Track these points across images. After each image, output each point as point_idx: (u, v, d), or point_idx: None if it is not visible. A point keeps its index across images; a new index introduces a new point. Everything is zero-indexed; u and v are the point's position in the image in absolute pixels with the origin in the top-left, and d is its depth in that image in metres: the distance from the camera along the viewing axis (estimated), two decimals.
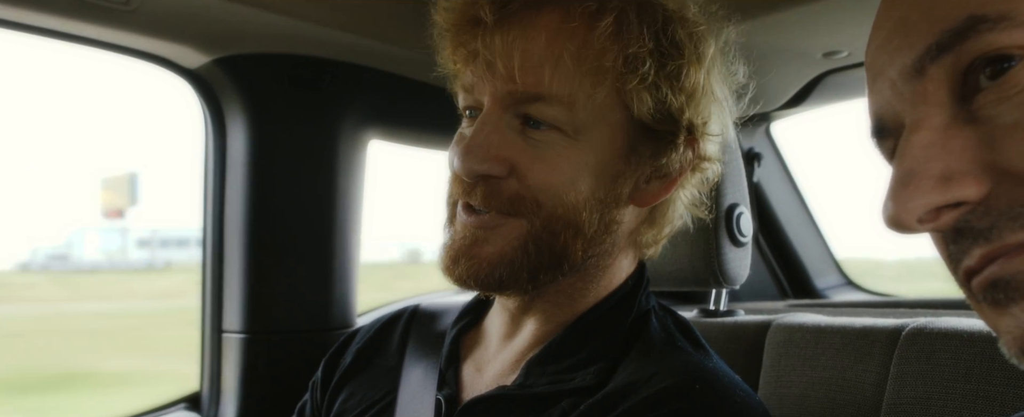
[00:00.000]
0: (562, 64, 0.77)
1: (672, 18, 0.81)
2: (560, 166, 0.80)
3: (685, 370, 0.79)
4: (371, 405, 0.96)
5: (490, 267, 0.81)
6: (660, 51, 0.79)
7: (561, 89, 0.77)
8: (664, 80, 0.79)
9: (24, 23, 1.22)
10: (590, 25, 0.78)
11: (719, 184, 1.18)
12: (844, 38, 1.35)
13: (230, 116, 1.48)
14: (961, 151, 0.42)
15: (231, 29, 1.32)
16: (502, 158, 0.80)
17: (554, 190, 0.80)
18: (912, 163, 0.43)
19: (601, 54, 0.78)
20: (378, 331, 1.07)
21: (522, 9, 0.78)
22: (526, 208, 0.80)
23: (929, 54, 0.43)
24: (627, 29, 0.78)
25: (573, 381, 0.81)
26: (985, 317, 0.45)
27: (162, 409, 1.49)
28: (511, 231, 0.81)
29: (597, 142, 0.81)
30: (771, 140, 2.03)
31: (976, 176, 0.42)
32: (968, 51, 0.42)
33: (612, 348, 0.84)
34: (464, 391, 0.91)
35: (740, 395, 0.78)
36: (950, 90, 0.44)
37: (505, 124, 0.80)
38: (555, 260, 0.82)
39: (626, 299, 0.89)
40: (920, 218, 0.43)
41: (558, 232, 0.81)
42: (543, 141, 0.80)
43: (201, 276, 1.53)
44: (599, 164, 0.81)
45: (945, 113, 0.44)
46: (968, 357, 0.93)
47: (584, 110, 0.79)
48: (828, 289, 2.13)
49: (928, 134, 0.43)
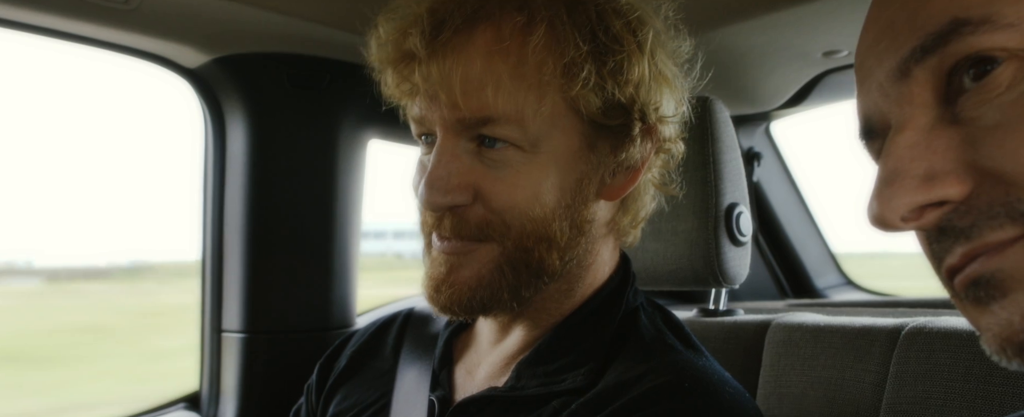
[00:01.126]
0: (503, 84, 0.76)
1: (605, 11, 0.80)
2: (521, 183, 0.79)
3: (675, 369, 0.79)
4: (366, 407, 0.96)
5: (470, 291, 0.81)
6: (598, 50, 0.78)
7: (507, 108, 0.77)
8: (608, 77, 0.78)
9: (24, 22, 1.22)
10: (523, 40, 0.76)
11: (719, 183, 1.18)
12: (844, 37, 1.35)
13: (230, 116, 1.48)
14: (944, 151, 0.43)
15: (231, 29, 1.32)
16: (464, 185, 0.79)
17: (519, 208, 0.79)
18: (896, 163, 0.44)
19: (539, 68, 0.77)
20: (373, 334, 1.07)
21: (453, 36, 0.77)
22: (494, 231, 0.80)
23: (914, 56, 0.44)
24: (561, 36, 0.77)
25: (563, 383, 0.81)
26: (967, 315, 0.46)
27: (162, 409, 1.49)
28: (484, 255, 0.81)
29: (554, 151, 0.80)
30: (771, 139, 2.03)
31: (959, 176, 0.43)
32: (951, 53, 0.43)
33: (601, 348, 0.84)
34: (456, 392, 0.91)
35: (730, 392, 0.78)
36: (935, 91, 0.44)
37: (461, 150, 0.80)
38: (533, 275, 0.82)
39: (613, 297, 0.89)
40: (904, 216, 0.44)
41: (531, 248, 0.81)
42: (500, 160, 0.79)
43: (200, 276, 1.53)
44: (560, 172, 0.81)
45: (930, 114, 0.44)
46: (967, 357, 0.93)
47: (534, 123, 0.78)
48: (827, 289, 2.14)
49: (912, 134, 0.44)
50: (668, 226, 1.20)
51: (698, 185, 1.18)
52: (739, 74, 1.56)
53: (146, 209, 5.31)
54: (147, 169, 3.78)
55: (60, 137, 5.59)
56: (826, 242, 2.17)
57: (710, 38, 1.36)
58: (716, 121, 1.19)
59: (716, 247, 1.17)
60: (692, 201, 1.18)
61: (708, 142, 1.18)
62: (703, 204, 1.18)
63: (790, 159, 2.08)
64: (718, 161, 1.18)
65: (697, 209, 1.18)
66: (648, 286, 1.23)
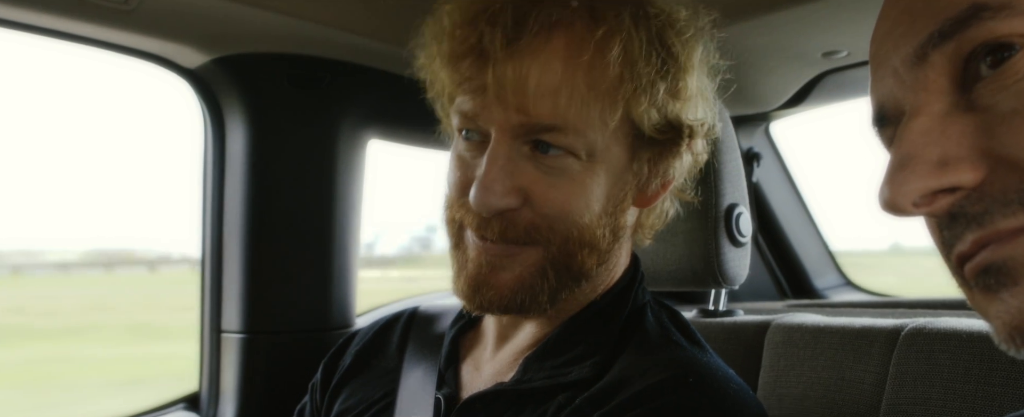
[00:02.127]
0: (577, 94, 0.76)
1: (665, 28, 0.80)
2: (574, 191, 0.79)
3: (679, 364, 0.79)
4: (371, 405, 0.96)
5: (511, 293, 0.81)
6: (665, 68, 0.79)
7: (575, 118, 0.76)
8: (669, 97, 0.79)
9: (24, 23, 1.22)
10: (601, 54, 0.76)
11: (718, 184, 1.18)
12: (843, 38, 1.35)
13: (229, 116, 1.48)
14: (959, 137, 0.43)
15: (231, 29, 1.32)
16: (516, 189, 0.79)
17: (570, 216, 0.80)
18: (909, 147, 0.44)
19: (614, 82, 0.77)
20: (377, 333, 1.07)
21: (532, 39, 0.76)
22: (541, 236, 0.80)
23: (931, 41, 0.44)
24: (635, 53, 0.77)
25: (570, 375, 0.82)
26: (975, 303, 0.45)
27: (161, 409, 1.49)
28: (527, 258, 0.81)
29: (608, 161, 0.81)
30: (770, 140, 2.03)
31: (972, 162, 0.42)
32: (969, 39, 0.42)
33: (608, 342, 0.84)
34: (463, 390, 0.92)
35: (734, 389, 0.79)
36: (951, 78, 0.44)
37: (516, 153, 0.79)
38: (572, 279, 0.83)
39: (622, 294, 0.90)
40: (915, 202, 0.44)
41: (574, 253, 0.81)
42: (556, 167, 0.79)
43: (199, 276, 1.53)
44: (609, 182, 0.82)
45: (945, 100, 0.44)
46: (967, 357, 0.93)
47: (596, 135, 0.78)
48: (827, 289, 2.14)
49: (927, 120, 0.44)
50: (668, 227, 1.20)
51: (697, 185, 1.18)
52: (738, 74, 1.55)
53: (146, 208, 5.30)
54: (147, 169, 3.77)
55: (60, 137, 5.59)
56: (825, 242, 2.17)
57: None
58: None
59: (716, 248, 1.17)
60: (692, 201, 1.18)
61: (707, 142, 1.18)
62: (703, 205, 1.18)
63: (790, 160, 2.08)
64: (718, 161, 1.18)
65: (697, 210, 1.18)
66: (648, 286, 1.23)
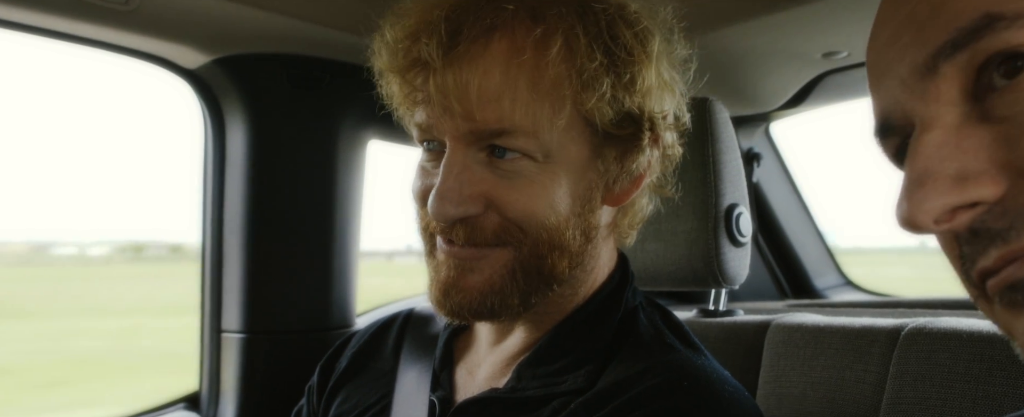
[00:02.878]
0: (520, 96, 0.75)
1: (615, 20, 0.79)
2: (535, 193, 0.78)
3: (673, 367, 0.79)
4: (367, 408, 0.96)
5: (481, 296, 0.80)
6: (613, 62, 0.78)
7: (523, 120, 0.76)
8: (621, 89, 0.78)
9: (24, 23, 1.22)
10: (541, 53, 0.75)
11: (718, 184, 1.18)
12: (843, 38, 1.35)
13: (229, 116, 1.48)
14: (976, 150, 0.42)
15: (231, 29, 1.32)
16: (476, 196, 0.78)
17: (536, 217, 0.79)
18: (926, 163, 0.42)
19: (557, 81, 0.76)
20: (373, 335, 1.07)
21: (470, 46, 0.75)
22: (511, 237, 0.79)
23: (943, 52, 0.43)
24: (576, 49, 0.76)
25: (564, 384, 0.82)
26: (998, 319, 0.45)
27: (161, 409, 1.49)
28: (497, 260, 0.80)
29: (566, 160, 0.80)
30: (770, 140, 2.03)
31: (992, 176, 0.41)
32: (983, 49, 0.41)
33: (601, 349, 0.84)
34: (457, 393, 0.91)
35: (729, 391, 0.79)
36: (963, 88, 0.43)
37: (471, 160, 0.78)
38: (543, 281, 0.82)
39: (612, 297, 0.89)
40: (936, 219, 0.42)
41: (544, 255, 0.80)
42: (513, 170, 0.78)
43: (200, 276, 1.53)
44: (571, 182, 0.80)
45: (957, 112, 0.43)
46: (967, 357, 0.93)
47: (549, 135, 0.77)
48: (827, 289, 2.14)
49: (941, 133, 0.43)
50: (668, 227, 1.20)
51: (698, 186, 1.18)
52: (739, 75, 1.56)
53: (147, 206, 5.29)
54: (147, 167, 3.76)
55: (60, 137, 5.60)
56: (825, 242, 2.17)
57: (710, 39, 1.36)
58: (716, 122, 1.19)
59: (716, 248, 1.17)
60: (692, 202, 1.18)
61: (708, 143, 1.18)
62: (703, 205, 1.18)
63: (790, 160, 2.08)
64: (718, 162, 1.18)
65: (697, 210, 1.18)
66: (648, 286, 1.23)
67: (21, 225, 8.24)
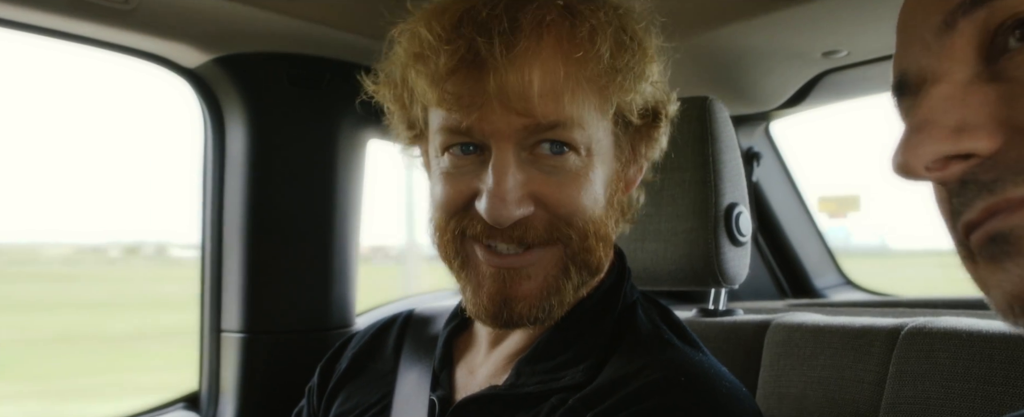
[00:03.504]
0: (578, 91, 0.77)
1: (627, 18, 0.83)
2: (582, 187, 0.80)
3: (671, 364, 0.79)
4: (367, 408, 0.96)
5: (539, 300, 0.80)
6: (636, 57, 0.82)
7: (577, 113, 0.77)
8: (644, 82, 0.83)
9: (23, 22, 1.21)
10: (592, 48, 0.78)
11: (718, 183, 1.18)
12: (843, 37, 1.35)
13: (229, 115, 1.48)
14: (978, 106, 0.43)
15: (230, 28, 1.32)
16: (528, 196, 0.78)
17: (584, 212, 0.81)
18: (928, 113, 0.44)
19: (606, 75, 0.79)
20: (373, 336, 1.07)
21: (528, 43, 0.75)
22: (561, 233, 0.80)
23: (962, 7, 0.44)
24: (622, 47, 0.80)
25: (563, 380, 0.82)
26: (978, 275, 0.45)
27: (161, 409, 1.49)
28: (550, 258, 0.81)
29: (601, 152, 0.82)
30: (770, 139, 2.03)
31: (989, 131, 0.42)
32: (1001, 8, 0.42)
33: (599, 344, 0.84)
34: (457, 392, 0.92)
35: (726, 387, 0.79)
36: (977, 47, 0.44)
37: (520, 160, 0.78)
38: (590, 272, 0.85)
39: (611, 292, 0.90)
40: (928, 165, 0.43)
41: (593, 248, 0.82)
42: (559, 167, 0.79)
43: (199, 276, 1.53)
44: (605, 172, 0.84)
45: (968, 69, 0.44)
46: (967, 357, 0.93)
47: (593, 127, 0.80)
48: (827, 288, 2.14)
49: (948, 87, 0.44)
50: (668, 226, 1.20)
51: (697, 185, 1.18)
52: (738, 74, 1.56)
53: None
54: (147, 166, 3.76)
55: (60, 136, 5.61)
56: (825, 242, 2.17)
57: (710, 38, 1.36)
58: (715, 121, 1.19)
59: (716, 247, 1.17)
60: (692, 201, 1.18)
61: (708, 142, 1.18)
62: (703, 204, 1.18)
63: (789, 159, 2.08)
64: (717, 161, 1.18)
65: (697, 209, 1.18)
66: (648, 286, 1.23)
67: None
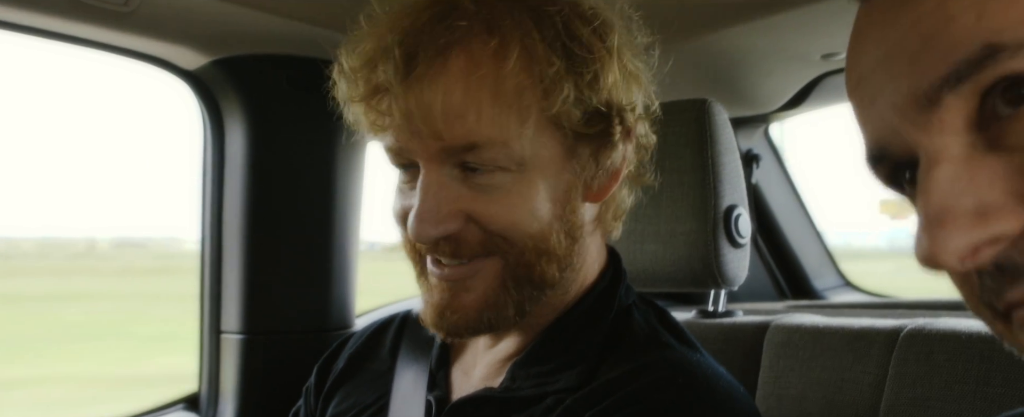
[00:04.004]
0: (484, 110, 0.75)
1: (571, 19, 0.78)
2: (515, 203, 0.78)
3: (669, 364, 0.79)
4: (364, 408, 0.96)
5: (477, 313, 0.81)
6: (573, 63, 0.77)
7: (491, 133, 0.75)
8: (586, 89, 0.78)
9: (22, 24, 1.22)
10: (499, 66, 0.75)
11: (717, 185, 1.18)
12: (842, 40, 1.34)
13: (228, 117, 1.48)
14: (990, 182, 0.41)
15: (230, 30, 1.32)
16: (454, 213, 0.78)
17: (518, 228, 0.78)
18: (941, 199, 0.41)
19: (518, 93, 0.76)
20: (370, 336, 1.08)
21: (427, 67, 0.75)
22: (498, 247, 0.79)
23: (947, 84, 0.41)
24: (535, 56, 0.75)
25: (557, 383, 0.82)
26: (1016, 342, 0.44)
27: (161, 409, 1.49)
28: (487, 273, 0.80)
29: (540, 166, 0.79)
30: (769, 141, 2.03)
31: (1012, 209, 0.40)
32: (987, 79, 0.40)
33: (594, 348, 0.84)
34: (453, 392, 0.92)
35: (724, 387, 0.79)
36: (967, 117, 0.42)
37: (447, 177, 0.78)
38: (535, 288, 0.82)
39: (605, 295, 0.89)
40: (962, 257, 0.41)
41: (532, 263, 0.80)
42: (489, 184, 0.78)
43: (199, 277, 1.53)
44: (548, 185, 0.80)
45: (963, 142, 0.42)
46: (966, 358, 0.93)
47: (519, 144, 0.77)
48: (826, 290, 2.14)
49: (951, 167, 0.42)
50: (667, 228, 1.20)
51: (697, 187, 1.18)
52: (738, 76, 1.56)
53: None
54: (147, 167, 3.76)
55: (60, 137, 5.60)
56: (825, 243, 2.17)
57: (709, 40, 1.36)
58: (714, 123, 1.19)
59: (715, 249, 1.17)
60: (691, 203, 1.18)
61: (707, 144, 1.18)
62: (702, 206, 1.18)
63: (789, 161, 2.08)
64: (717, 163, 1.18)
65: (696, 211, 1.18)
66: (647, 287, 1.23)
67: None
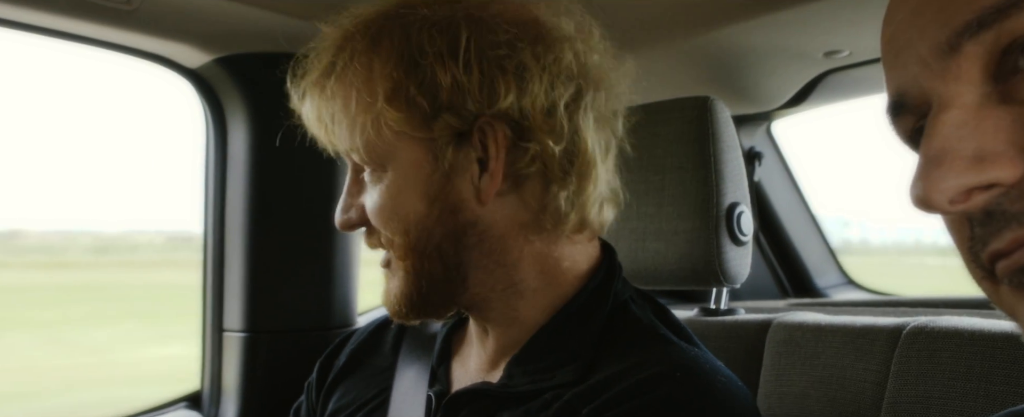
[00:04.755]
0: (335, 121, 0.85)
1: (411, 26, 0.80)
2: (381, 202, 0.84)
3: (667, 358, 0.79)
4: (365, 403, 0.97)
5: (396, 300, 0.87)
6: (408, 68, 0.79)
7: (343, 142, 0.85)
8: (419, 93, 0.79)
9: (24, 22, 1.22)
10: (339, 80, 0.84)
11: (720, 183, 1.18)
12: (845, 37, 1.35)
13: (231, 115, 1.48)
14: (995, 131, 0.41)
15: (232, 29, 1.32)
16: (350, 206, 0.89)
17: (390, 226, 0.84)
18: (943, 142, 0.42)
19: (357, 103, 0.82)
20: (372, 332, 1.08)
21: (304, 83, 0.88)
22: (388, 244, 0.86)
23: (969, 29, 0.42)
24: (371, 69, 0.81)
25: (554, 379, 0.82)
26: (1004, 301, 0.44)
27: (162, 408, 1.49)
28: (396, 267, 0.87)
29: (401, 168, 0.83)
30: (772, 139, 2.03)
31: (1011, 158, 0.41)
32: (1009, 30, 0.41)
33: (590, 344, 0.84)
34: (453, 386, 0.92)
35: (722, 381, 0.79)
36: (984, 68, 0.42)
37: (352, 176, 0.90)
38: (433, 282, 0.85)
39: (599, 291, 0.88)
40: (952, 199, 0.42)
41: (418, 262, 0.84)
42: (367, 183, 0.87)
43: (201, 275, 1.53)
44: (414, 187, 0.83)
45: (978, 92, 0.42)
46: (969, 356, 0.93)
47: (375, 149, 0.83)
48: (829, 288, 2.14)
49: (960, 112, 0.42)
50: (669, 226, 1.20)
51: (699, 185, 1.18)
52: (740, 74, 1.56)
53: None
54: (148, 165, 3.77)
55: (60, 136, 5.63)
56: (827, 241, 2.17)
57: (711, 38, 1.36)
58: (717, 121, 1.19)
59: (717, 246, 1.17)
60: (693, 201, 1.18)
61: (709, 142, 1.18)
62: (704, 204, 1.18)
63: (791, 159, 2.08)
64: (719, 161, 1.18)
65: (698, 209, 1.18)
66: (649, 285, 1.23)
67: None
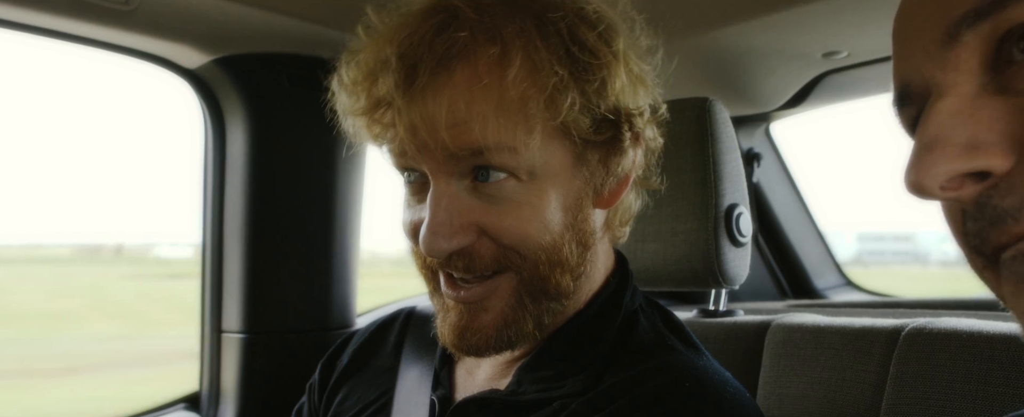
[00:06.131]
0: (489, 122, 0.73)
1: (575, 24, 0.76)
2: (526, 214, 0.77)
3: (675, 369, 0.79)
4: (367, 405, 0.96)
5: (496, 332, 0.80)
6: (578, 70, 0.75)
7: (498, 138, 0.74)
8: (593, 96, 0.76)
9: (23, 23, 1.22)
10: (501, 76, 0.73)
11: (718, 184, 1.18)
12: (843, 38, 1.35)
13: (230, 116, 1.48)
14: (990, 121, 0.42)
15: (231, 29, 1.32)
16: (467, 226, 0.77)
17: (530, 240, 0.77)
18: (937, 129, 0.43)
19: (522, 103, 0.74)
20: (374, 333, 1.07)
21: (430, 79, 0.73)
22: (511, 262, 0.78)
23: (967, 19, 0.43)
24: (539, 65, 0.74)
25: (563, 388, 0.81)
26: (1001, 289, 0.44)
27: (161, 409, 1.49)
28: (503, 288, 0.79)
29: (551, 175, 0.78)
30: (771, 140, 2.03)
31: (1003, 148, 0.41)
32: (1006, 19, 0.41)
33: (600, 353, 0.83)
34: (457, 392, 0.92)
35: (730, 392, 0.78)
36: (982, 58, 0.43)
37: (457, 189, 0.77)
38: (551, 300, 0.81)
39: (611, 300, 0.88)
40: (942, 185, 0.42)
41: (547, 276, 0.80)
42: (500, 194, 0.77)
43: (200, 276, 1.53)
44: (559, 194, 0.79)
45: (975, 81, 0.43)
46: (967, 358, 0.93)
47: (527, 153, 0.75)
48: (827, 289, 2.14)
49: (956, 101, 0.43)
50: (668, 227, 1.20)
51: (698, 186, 1.18)
52: (739, 75, 1.56)
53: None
54: (148, 167, 3.76)
55: (60, 137, 5.59)
56: (826, 243, 2.17)
57: (710, 39, 1.36)
58: (716, 122, 1.19)
59: (716, 248, 1.17)
60: (692, 202, 1.18)
61: (708, 143, 1.18)
62: (703, 205, 1.18)
63: (790, 160, 2.08)
64: (718, 162, 1.18)
65: (697, 210, 1.18)
66: (648, 286, 1.23)
67: None
